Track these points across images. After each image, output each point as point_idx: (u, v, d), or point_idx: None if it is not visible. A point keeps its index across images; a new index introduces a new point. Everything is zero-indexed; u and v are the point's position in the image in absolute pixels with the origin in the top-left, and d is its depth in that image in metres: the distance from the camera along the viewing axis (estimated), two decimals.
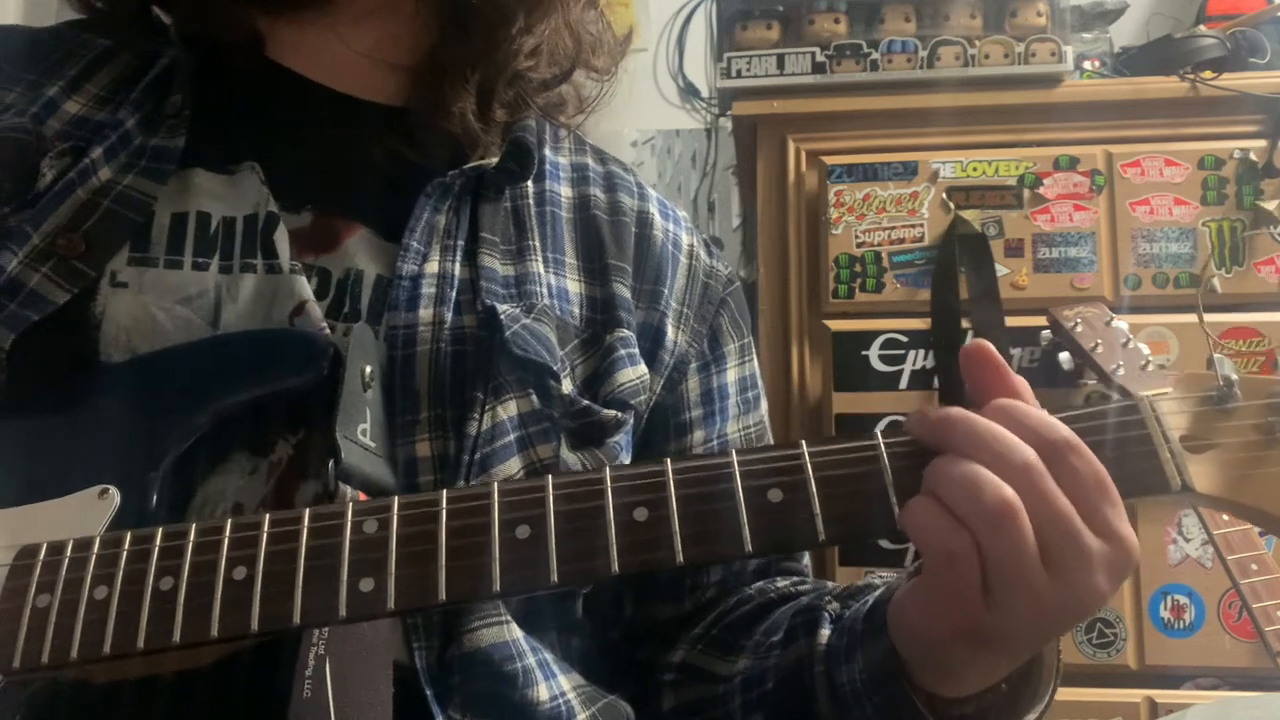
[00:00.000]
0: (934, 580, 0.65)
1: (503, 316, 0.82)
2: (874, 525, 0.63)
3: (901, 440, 0.65)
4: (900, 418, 1.76)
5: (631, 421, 0.90)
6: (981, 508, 0.61)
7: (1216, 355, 0.68)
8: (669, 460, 0.64)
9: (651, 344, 0.93)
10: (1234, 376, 0.67)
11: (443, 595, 0.61)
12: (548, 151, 0.97)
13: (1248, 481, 0.65)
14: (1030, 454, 0.62)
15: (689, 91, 2.51)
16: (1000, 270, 1.83)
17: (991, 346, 0.67)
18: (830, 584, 0.93)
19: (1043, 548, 0.61)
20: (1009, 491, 0.61)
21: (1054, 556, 0.62)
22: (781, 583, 0.93)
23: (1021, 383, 0.68)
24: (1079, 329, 1.58)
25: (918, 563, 0.68)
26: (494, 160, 0.89)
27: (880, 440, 0.65)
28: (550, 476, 0.64)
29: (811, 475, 0.63)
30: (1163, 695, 1.71)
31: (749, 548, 0.62)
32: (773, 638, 0.86)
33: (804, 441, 0.64)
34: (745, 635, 0.89)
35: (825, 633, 0.81)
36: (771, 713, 0.83)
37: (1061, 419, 0.65)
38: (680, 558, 0.62)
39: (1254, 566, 1.48)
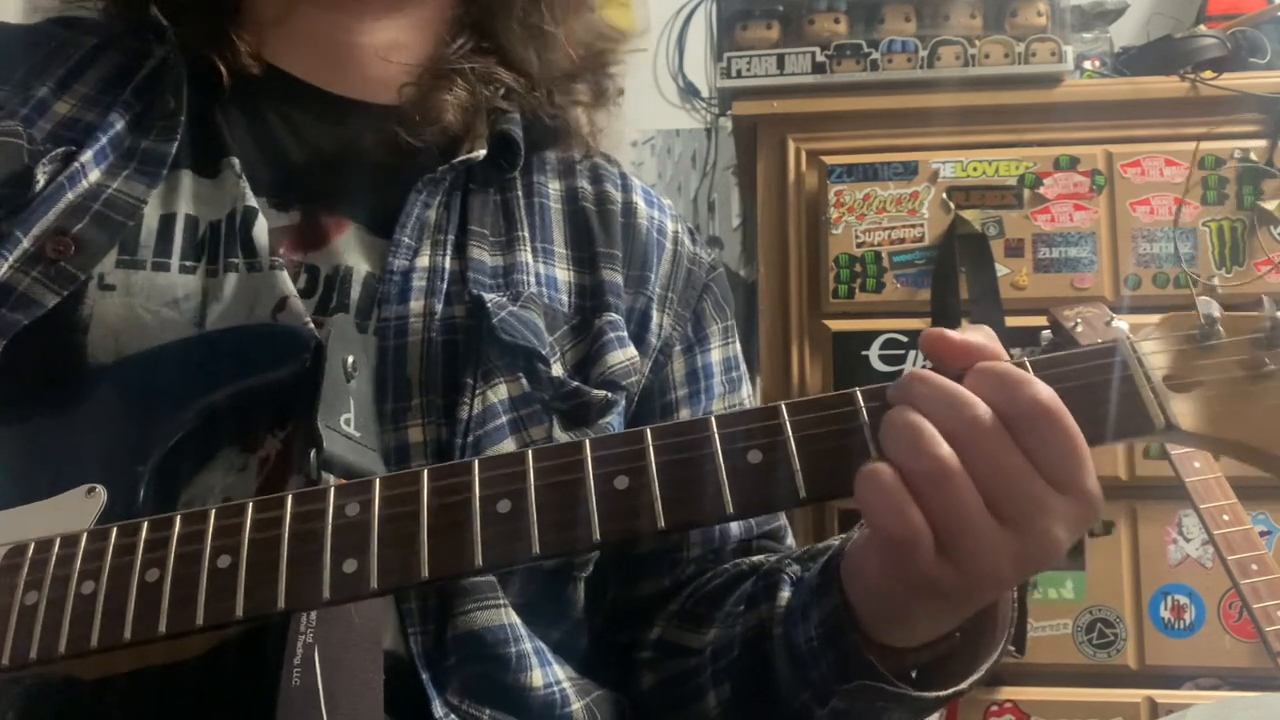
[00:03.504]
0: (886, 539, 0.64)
1: (489, 305, 0.83)
2: (854, 481, 0.62)
3: (879, 393, 0.64)
4: None
5: (623, 403, 0.90)
6: (918, 465, 0.60)
7: (1200, 296, 0.67)
8: (648, 428, 0.64)
9: (638, 328, 0.94)
10: (1216, 314, 0.65)
11: (425, 573, 0.61)
12: (532, 142, 0.97)
13: (1233, 417, 0.64)
14: (980, 411, 0.61)
15: (689, 91, 2.51)
16: (1000, 270, 1.83)
17: (938, 331, 0.66)
18: (799, 548, 0.94)
19: (993, 503, 0.61)
20: (944, 449, 0.60)
21: (1006, 512, 0.61)
22: (758, 557, 0.94)
23: (976, 341, 0.65)
24: (1079, 329, 1.57)
25: None
26: (482, 153, 0.90)
27: (858, 395, 0.64)
28: (530, 450, 0.64)
29: (791, 434, 0.63)
30: (1163, 695, 1.71)
31: (730, 509, 0.62)
32: (739, 606, 0.86)
33: (783, 402, 0.64)
34: (716, 607, 0.89)
35: (784, 595, 0.81)
36: (738, 681, 0.83)
37: (1042, 360, 0.64)
38: (662, 523, 0.61)
39: (1254, 566, 1.48)
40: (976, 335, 0.66)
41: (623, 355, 0.90)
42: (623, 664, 0.93)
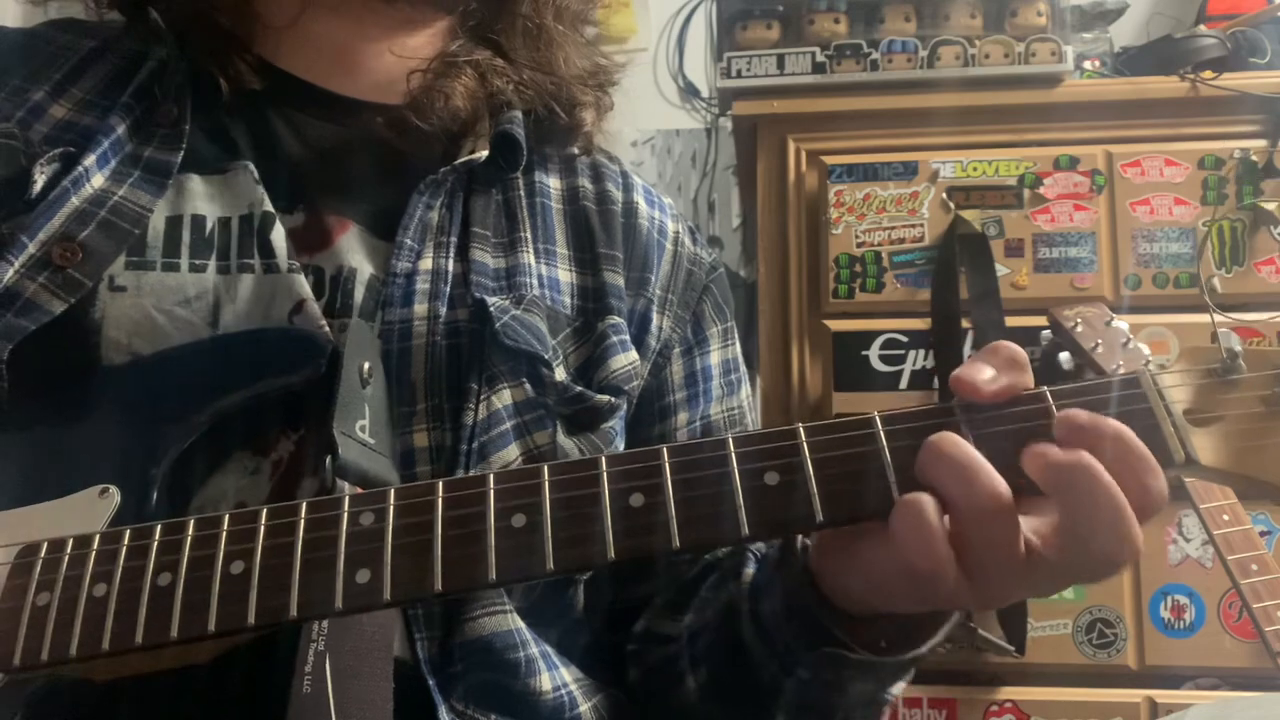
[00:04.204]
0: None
1: (492, 309, 0.83)
2: (872, 506, 0.62)
3: (898, 417, 0.64)
4: None
5: (625, 407, 0.91)
6: (973, 499, 0.60)
7: (1221, 329, 0.67)
8: (665, 446, 0.64)
9: (638, 330, 0.94)
10: (1238, 349, 0.65)
11: (439, 585, 0.61)
12: (534, 142, 0.97)
13: (1253, 453, 0.64)
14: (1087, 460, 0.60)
15: (689, 91, 2.52)
16: (1000, 270, 1.83)
17: (969, 383, 0.64)
18: None
19: (1029, 542, 0.61)
20: (1002, 485, 0.60)
21: (1040, 552, 0.61)
22: None
23: (1006, 385, 0.65)
24: (1079, 329, 1.57)
25: None
26: (484, 154, 0.90)
27: (878, 420, 0.64)
28: (545, 465, 0.64)
29: (808, 457, 0.63)
30: (1163, 695, 1.71)
31: (745, 531, 0.61)
32: (712, 590, 0.87)
33: (800, 424, 0.64)
34: (693, 593, 0.90)
35: (749, 571, 0.83)
36: (713, 662, 0.84)
37: (1064, 390, 0.64)
38: (677, 542, 0.61)
39: (1254, 566, 1.48)
40: (1009, 375, 0.65)
41: (625, 359, 0.90)
42: (615, 661, 0.93)
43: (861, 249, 1.87)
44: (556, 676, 0.83)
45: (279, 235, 0.82)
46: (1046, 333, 1.65)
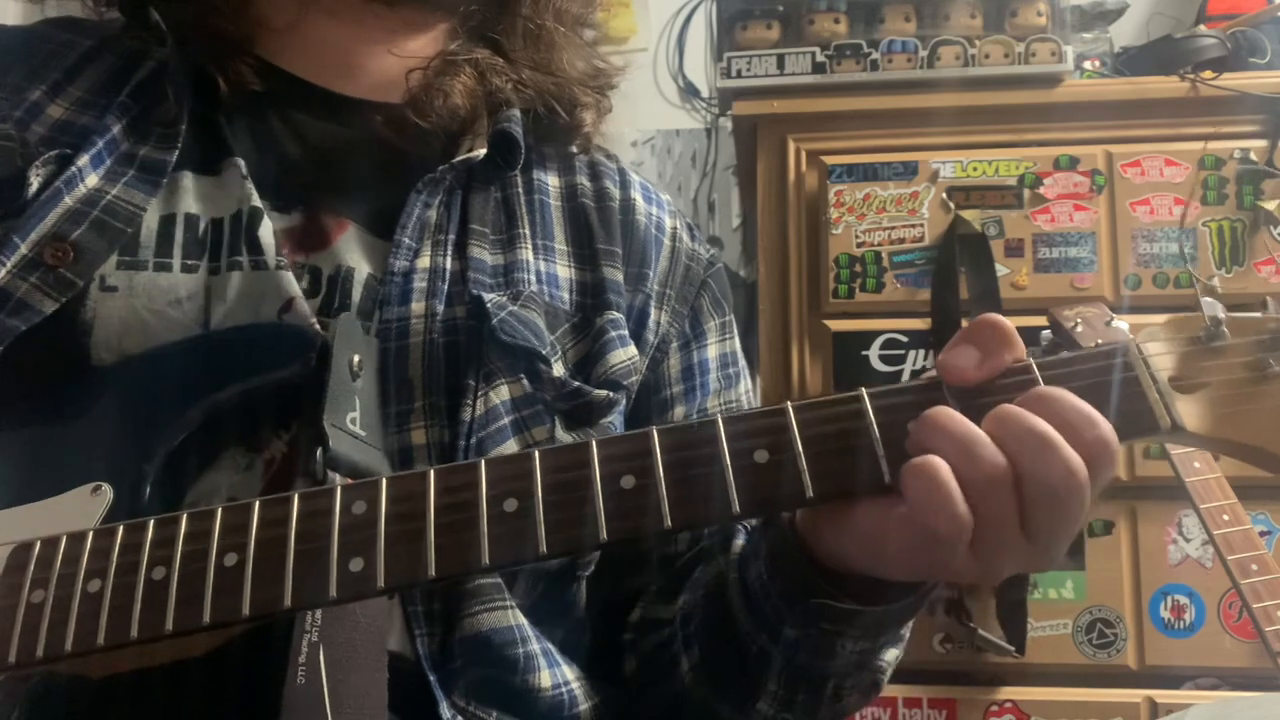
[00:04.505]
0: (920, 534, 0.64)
1: (489, 305, 0.83)
2: (862, 480, 0.63)
3: (886, 393, 0.64)
4: None
5: (624, 402, 0.91)
6: (975, 470, 0.60)
7: (1205, 298, 0.68)
8: (654, 428, 0.64)
9: (636, 325, 0.94)
10: (1221, 316, 0.66)
11: (432, 571, 0.61)
12: (533, 140, 0.97)
13: (1239, 419, 0.64)
14: (1047, 430, 0.61)
15: (689, 91, 2.52)
16: (1000, 270, 1.83)
17: (955, 369, 0.65)
18: None
19: (1029, 517, 0.61)
20: (1001, 457, 0.60)
21: (1038, 527, 0.61)
22: None
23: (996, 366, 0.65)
24: (1079, 329, 1.57)
25: None
26: (482, 152, 0.90)
27: (865, 395, 0.64)
28: (536, 450, 0.64)
29: (797, 434, 0.63)
30: (1163, 695, 1.71)
31: (736, 509, 0.62)
32: (702, 570, 0.86)
33: (789, 402, 0.64)
34: (687, 577, 0.90)
35: (738, 542, 0.83)
36: (704, 640, 0.84)
37: (1049, 361, 0.65)
38: (668, 522, 0.61)
39: (1254, 566, 1.48)
40: (995, 356, 0.65)
41: (624, 354, 0.90)
42: (616, 656, 0.93)
43: (861, 249, 1.87)
44: (557, 674, 0.83)
45: (267, 231, 0.81)
46: (1046, 333, 1.65)
